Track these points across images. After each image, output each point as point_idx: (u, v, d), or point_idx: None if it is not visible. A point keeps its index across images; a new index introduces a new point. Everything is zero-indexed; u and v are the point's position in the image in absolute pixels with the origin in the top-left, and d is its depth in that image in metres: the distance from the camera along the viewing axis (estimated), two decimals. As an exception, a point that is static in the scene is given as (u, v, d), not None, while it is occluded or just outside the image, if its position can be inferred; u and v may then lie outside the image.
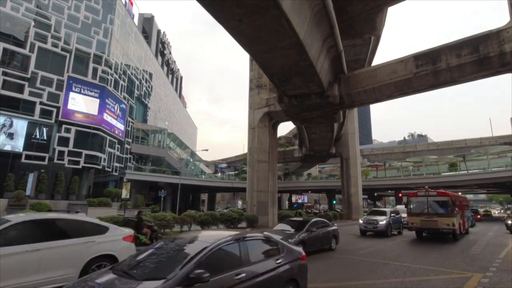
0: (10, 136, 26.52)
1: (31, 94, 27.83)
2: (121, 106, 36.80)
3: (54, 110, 29.06)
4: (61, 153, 28.98)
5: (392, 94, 17.48)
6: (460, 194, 19.07)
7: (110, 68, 34.69)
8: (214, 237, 4.25)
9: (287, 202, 66.52)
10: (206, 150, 38.71)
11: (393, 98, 18.42)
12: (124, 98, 38.15)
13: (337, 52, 16.02)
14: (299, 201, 70.87)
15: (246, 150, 32.81)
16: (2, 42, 26.67)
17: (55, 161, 28.58)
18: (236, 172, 61.49)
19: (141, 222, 10.99)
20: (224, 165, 66.96)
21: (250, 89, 27.19)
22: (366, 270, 8.17)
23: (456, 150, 52.52)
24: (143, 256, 4.04)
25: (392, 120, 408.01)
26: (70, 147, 29.55)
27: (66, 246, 5.34)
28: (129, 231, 6.53)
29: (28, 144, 27.17)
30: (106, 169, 33.60)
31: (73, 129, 29.99)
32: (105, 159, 32.86)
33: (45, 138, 28.31)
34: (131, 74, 41.52)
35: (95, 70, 32.85)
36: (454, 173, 41.35)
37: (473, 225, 23.22)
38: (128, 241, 6.20)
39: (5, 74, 26.54)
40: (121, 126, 36.85)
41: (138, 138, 44.59)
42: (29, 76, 27.78)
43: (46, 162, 27.88)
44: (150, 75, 50.22)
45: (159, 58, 59.14)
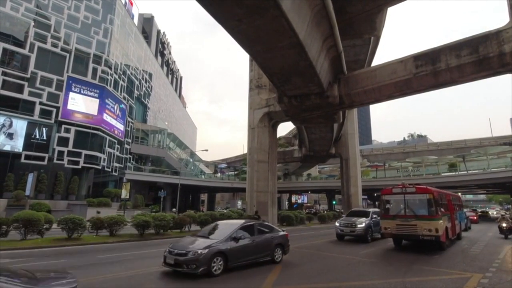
0: (10, 136, 26.50)
1: (31, 94, 27.82)
2: (120, 106, 36.79)
3: (54, 110, 29.05)
4: (60, 153, 28.97)
5: (392, 94, 17.48)
6: (449, 192, 15.97)
7: (110, 68, 34.67)
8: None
9: (287, 202, 66.51)
10: (206, 150, 38.70)
11: (393, 99, 18.41)
12: (123, 98, 38.14)
13: (337, 52, 16.01)
14: (299, 201, 70.89)
15: (246, 150, 32.82)
16: (2, 42, 26.66)
17: (55, 161, 28.56)
18: (236, 172, 61.47)
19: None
20: (223, 165, 66.95)
21: (250, 89, 27.19)
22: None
23: (455, 150, 52.57)
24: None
25: (392, 120, 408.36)
26: (70, 147, 29.53)
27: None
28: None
29: (27, 144, 27.15)
30: (106, 169, 33.58)
31: (72, 129, 29.97)
32: (104, 159, 32.84)
33: (44, 138, 28.29)
34: (131, 74, 41.51)
35: (95, 70, 32.84)
36: (454, 173, 41.37)
37: (467, 228, 20.77)
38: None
39: (4, 74, 26.53)
40: (120, 126, 36.84)
41: (137, 138, 44.57)
42: (28, 76, 27.76)
43: (45, 162, 27.86)
44: (150, 75, 50.21)
45: (159, 58, 59.14)
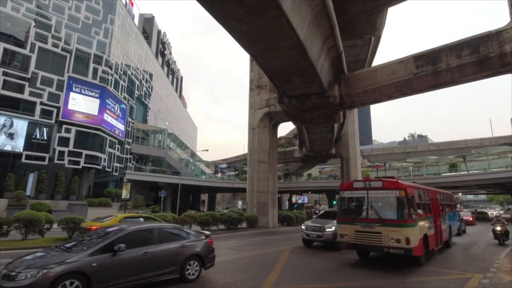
0: (11, 136, 26.53)
1: (32, 94, 27.85)
2: (121, 106, 36.81)
3: (55, 110, 29.08)
4: (61, 153, 28.99)
5: (392, 94, 17.47)
6: (436, 188, 12.51)
7: (111, 68, 34.70)
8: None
9: (287, 203, 66.48)
10: (206, 150, 38.72)
11: (393, 99, 18.41)
12: (124, 98, 38.16)
13: (337, 52, 16.01)
14: (299, 201, 70.83)
15: (246, 150, 32.81)
16: (3, 42, 26.70)
17: (55, 161, 28.58)
18: (236, 172, 61.46)
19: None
20: (224, 165, 66.93)
21: (251, 89, 27.20)
22: None
23: (456, 150, 52.50)
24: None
25: (392, 120, 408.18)
26: (70, 147, 29.56)
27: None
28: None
29: (28, 144, 27.17)
30: (106, 169, 33.60)
31: (73, 129, 30.00)
32: (105, 159, 32.87)
33: (45, 138, 28.32)
34: (132, 74, 41.54)
35: (96, 70, 32.87)
36: (454, 173, 41.32)
37: (461, 232, 17.97)
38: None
39: (5, 74, 26.57)
40: (121, 126, 36.86)
41: (138, 138, 44.60)
42: (29, 76, 27.79)
43: (46, 162, 27.89)
44: (150, 75, 50.23)
45: (160, 58, 59.16)
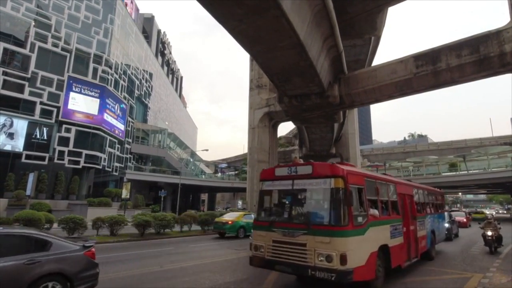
0: (11, 136, 26.53)
1: (31, 94, 27.85)
2: (121, 106, 36.81)
3: (55, 110, 29.08)
4: (61, 153, 29.00)
5: (392, 94, 17.46)
6: (407, 181, 9.63)
7: (110, 68, 34.69)
8: None
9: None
10: (206, 150, 38.79)
11: (393, 98, 18.40)
12: (124, 98, 38.16)
13: (337, 52, 16.00)
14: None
15: (246, 150, 32.83)
16: (3, 42, 26.69)
17: (55, 161, 28.59)
18: (236, 172, 61.48)
19: None
20: (224, 165, 66.94)
21: (250, 89, 27.19)
22: None
23: (456, 150, 52.52)
24: None
25: (392, 120, 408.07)
26: (70, 147, 29.57)
27: None
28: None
29: (28, 144, 27.18)
30: (106, 169, 33.61)
31: (73, 129, 30.00)
32: (105, 159, 32.87)
33: (45, 138, 28.32)
34: (131, 74, 41.52)
35: (95, 70, 32.86)
36: (454, 173, 41.35)
37: (451, 237, 15.31)
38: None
39: (5, 74, 26.56)
40: (121, 126, 36.86)
41: (138, 138, 44.59)
42: (29, 76, 27.79)
43: (46, 162, 27.89)
44: (150, 75, 50.22)
45: (159, 58, 59.13)
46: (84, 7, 33.46)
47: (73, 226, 12.92)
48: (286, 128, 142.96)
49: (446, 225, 14.18)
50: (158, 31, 59.82)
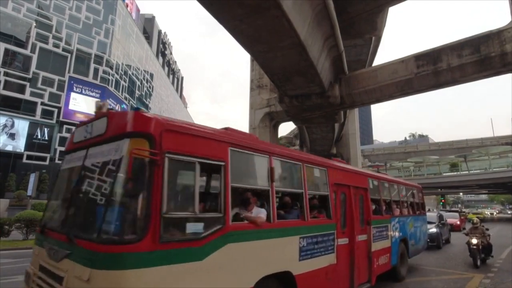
0: (12, 136, 26.59)
1: (33, 94, 27.92)
2: (122, 106, 36.87)
3: (55, 110, 29.15)
4: (62, 153, 29.03)
5: (393, 94, 17.45)
6: (355, 168, 7.43)
7: (111, 68, 34.75)
8: None
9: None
10: (207, 150, 38.74)
11: (394, 98, 18.40)
12: (125, 98, 38.21)
13: (338, 52, 16.01)
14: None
15: (247, 150, 32.77)
16: (4, 43, 26.77)
17: (57, 161, 28.64)
18: (236, 172, 61.41)
19: None
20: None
21: (251, 89, 27.21)
22: None
23: (457, 150, 52.43)
24: None
25: (393, 120, 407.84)
26: (71, 147, 29.61)
27: None
28: None
29: (29, 144, 27.24)
30: (107, 169, 33.63)
31: (74, 129, 30.04)
32: (106, 159, 32.90)
33: (46, 138, 28.39)
34: (132, 74, 41.59)
35: (96, 71, 32.94)
36: (455, 173, 41.29)
37: (439, 244, 12.61)
38: None
39: (6, 74, 26.64)
40: (122, 126, 36.90)
41: (139, 138, 44.59)
42: (30, 76, 27.87)
43: (47, 162, 27.96)
44: (151, 76, 50.29)
45: (160, 58, 59.22)
46: (85, 8, 33.56)
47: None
48: (286, 128, 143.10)
49: (433, 230, 12.02)
50: (159, 32, 59.91)
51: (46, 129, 28.45)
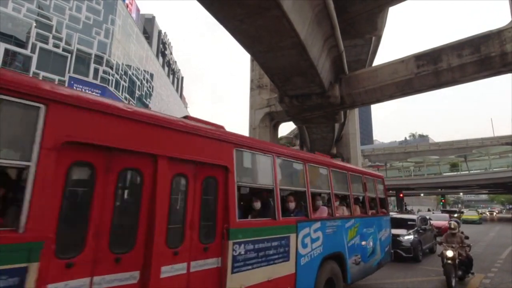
0: (12, 136, 26.63)
1: (33, 94, 27.96)
2: (122, 106, 36.89)
3: (56, 110, 29.19)
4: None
5: (393, 94, 17.47)
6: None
7: (111, 68, 34.77)
8: None
9: (288, 203, 66.42)
10: (207, 150, 38.75)
11: (394, 98, 18.41)
12: (125, 98, 38.22)
13: (338, 52, 16.02)
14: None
15: (247, 151, 32.76)
16: (4, 43, 26.78)
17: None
18: (237, 172, 61.42)
19: None
20: (225, 165, 66.90)
21: (251, 89, 27.22)
22: None
23: (457, 150, 52.45)
24: None
25: (393, 120, 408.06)
26: (72, 148, 29.63)
27: None
28: None
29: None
30: (107, 169, 33.66)
31: None
32: (106, 159, 32.93)
33: (46, 138, 28.43)
34: (132, 74, 41.61)
35: (96, 71, 32.95)
36: (456, 173, 41.29)
37: (416, 256, 9.46)
38: None
39: (6, 74, 26.68)
40: (122, 127, 36.92)
41: (139, 138, 44.61)
42: (30, 76, 27.92)
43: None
44: (151, 76, 50.31)
45: (160, 58, 59.24)
46: (85, 8, 33.57)
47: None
48: (286, 128, 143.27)
49: (409, 237, 9.50)
50: (159, 32, 59.92)
51: (46, 129, 28.52)
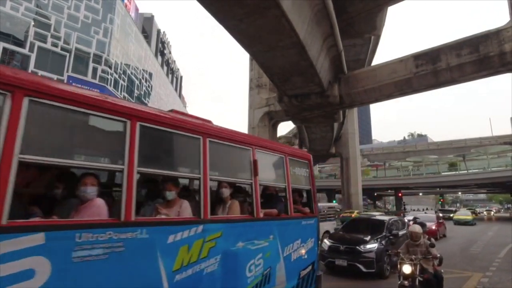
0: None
1: (31, 93, 27.88)
2: (121, 105, 36.84)
3: (54, 109, 29.12)
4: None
5: (392, 94, 17.49)
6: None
7: (110, 67, 34.69)
8: None
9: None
10: (206, 149, 38.73)
11: (393, 98, 18.43)
12: (124, 97, 38.14)
13: (337, 52, 16.02)
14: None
15: (246, 150, 32.77)
16: (2, 42, 26.68)
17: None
18: (236, 171, 61.41)
19: None
20: (224, 164, 66.89)
21: (250, 88, 27.20)
22: None
23: (456, 150, 52.57)
24: None
25: (392, 119, 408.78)
26: (70, 147, 29.57)
27: None
28: None
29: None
30: (106, 168, 33.61)
31: (73, 128, 30.01)
32: (105, 159, 32.87)
33: (45, 137, 28.37)
34: (131, 73, 41.52)
35: (95, 70, 32.87)
36: (454, 172, 41.40)
37: (383, 273, 7.34)
38: None
39: (5, 73, 26.60)
40: (121, 126, 36.87)
41: (138, 137, 44.56)
42: None
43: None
44: (150, 75, 50.22)
45: (159, 57, 59.13)
46: (83, 7, 33.48)
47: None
48: (286, 127, 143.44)
49: (372, 245, 7.39)
50: (158, 31, 59.79)
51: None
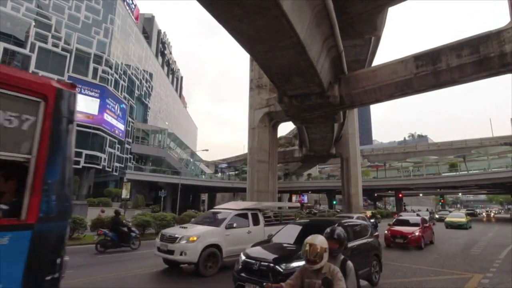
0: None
1: (32, 94, 27.89)
2: (121, 106, 36.81)
3: (55, 110, 29.12)
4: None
5: (392, 94, 17.46)
6: None
7: (111, 68, 34.71)
8: None
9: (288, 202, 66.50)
10: (206, 150, 38.83)
11: (393, 99, 18.41)
12: (124, 98, 38.16)
13: (337, 52, 16.01)
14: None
15: (246, 150, 32.83)
16: (3, 42, 26.71)
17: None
18: (236, 172, 61.48)
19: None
20: (224, 165, 66.95)
21: (251, 89, 27.20)
22: None
23: (456, 150, 52.51)
24: None
25: (392, 120, 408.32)
26: (71, 147, 29.56)
27: None
28: None
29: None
30: (106, 169, 33.59)
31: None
32: (105, 159, 32.86)
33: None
34: (132, 74, 41.54)
35: (96, 70, 32.89)
36: (454, 173, 41.33)
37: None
38: None
39: (5, 74, 26.62)
40: (121, 126, 36.85)
41: (138, 138, 44.59)
42: None
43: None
44: (151, 75, 50.25)
45: (160, 58, 59.17)
46: (84, 7, 33.50)
47: (73, 226, 12.92)
48: (286, 128, 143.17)
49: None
50: (158, 31, 59.84)
51: (45, 128, 28.48)
